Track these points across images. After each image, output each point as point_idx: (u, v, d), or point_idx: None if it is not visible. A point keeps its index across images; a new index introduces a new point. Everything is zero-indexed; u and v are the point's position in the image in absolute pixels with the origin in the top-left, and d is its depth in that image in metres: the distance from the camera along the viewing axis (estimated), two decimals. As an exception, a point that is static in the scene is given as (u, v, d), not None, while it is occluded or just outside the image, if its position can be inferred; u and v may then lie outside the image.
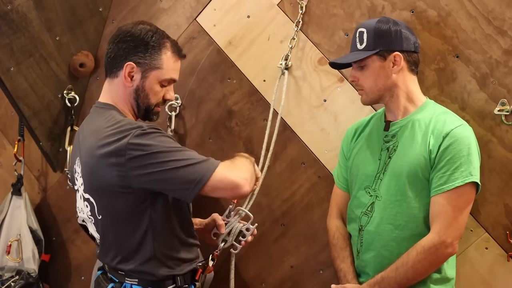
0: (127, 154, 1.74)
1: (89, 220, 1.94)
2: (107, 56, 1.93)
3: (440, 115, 2.00)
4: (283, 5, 2.44)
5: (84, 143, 1.88)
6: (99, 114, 1.91)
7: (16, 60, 2.46)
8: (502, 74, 2.12)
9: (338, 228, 2.19)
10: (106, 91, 1.95)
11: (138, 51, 1.88)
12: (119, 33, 1.92)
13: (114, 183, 1.78)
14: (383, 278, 1.96)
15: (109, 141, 1.77)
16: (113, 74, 1.92)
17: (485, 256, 2.19)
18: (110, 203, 1.84)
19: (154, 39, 1.89)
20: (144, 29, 1.91)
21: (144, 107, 1.93)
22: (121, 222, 1.85)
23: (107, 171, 1.78)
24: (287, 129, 2.46)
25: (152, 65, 1.89)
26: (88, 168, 1.84)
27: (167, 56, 1.91)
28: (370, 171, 2.06)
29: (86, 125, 1.95)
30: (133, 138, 1.75)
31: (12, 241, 2.74)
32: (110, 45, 1.92)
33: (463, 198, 1.91)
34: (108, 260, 1.93)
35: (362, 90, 2.06)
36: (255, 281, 2.58)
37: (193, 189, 1.77)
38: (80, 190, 1.92)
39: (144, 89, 1.90)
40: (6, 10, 2.37)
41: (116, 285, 1.92)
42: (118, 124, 1.81)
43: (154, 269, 1.86)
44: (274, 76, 2.44)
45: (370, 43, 1.99)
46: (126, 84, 1.90)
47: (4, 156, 2.94)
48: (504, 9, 2.10)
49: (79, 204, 1.97)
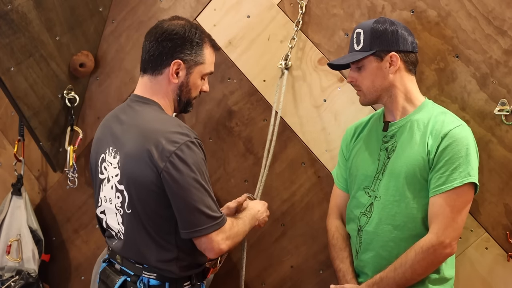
0: (169, 160, 1.80)
1: (114, 211, 1.96)
2: (149, 54, 1.96)
3: (438, 115, 1.99)
4: (283, 5, 2.44)
5: (127, 135, 1.90)
6: (141, 107, 1.95)
7: (16, 60, 2.46)
8: (502, 74, 2.12)
9: (337, 228, 2.19)
10: (146, 87, 1.98)
11: (184, 49, 1.94)
12: (162, 31, 1.95)
13: (151, 180, 1.83)
14: (381, 279, 1.96)
15: (157, 139, 1.82)
16: (156, 72, 1.96)
17: (485, 256, 2.19)
18: (144, 199, 1.87)
19: (197, 36, 1.96)
20: (187, 26, 1.96)
21: (185, 100, 2.00)
22: (151, 219, 1.88)
23: (147, 167, 1.83)
24: (287, 129, 2.46)
25: (196, 61, 1.96)
26: (131, 160, 1.87)
27: (208, 51, 2.00)
28: (369, 172, 2.06)
29: (124, 116, 1.97)
30: (181, 149, 1.81)
31: (12, 241, 2.74)
32: (152, 43, 1.95)
33: (461, 198, 1.91)
34: (129, 253, 1.95)
35: (360, 91, 2.06)
36: (255, 281, 2.58)
37: (188, 233, 1.86)
38: (112, 180, 1.94)
39: (188, 84, 1.98)
40: (6, 10, 2.37)
41: (132, 278, 1.94)
42: (168, 122, 1.89)
43: (176, 268, 1.90)
44: (274, 76, 2.45)
45: (366, 44, 1.99)
46: (172, 80, 1.95)
47: (4, 156, 2.95)
48: (504, 9, 2.09)
49: (106, 194, 1.97)
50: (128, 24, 2.70)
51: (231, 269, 2.55)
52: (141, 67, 2.00)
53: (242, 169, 2.55)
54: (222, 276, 2.43)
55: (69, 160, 2.71)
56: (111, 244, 2.02)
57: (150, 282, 1.92)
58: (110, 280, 1.99)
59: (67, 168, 2.73)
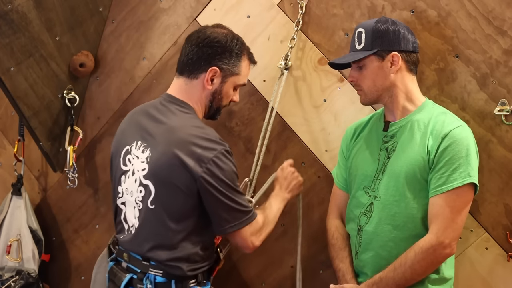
0: (207, 167, 1.88)
1: (134, 204, 1.99)
2: (187, 57, 2.01)
3: (439, 115, 1.99)
4: (283, 5, 2.44)
5: (163, 135, 1.95)
6: (178, 110, 1.99)
7: (16, 60, 2.46)
8: (502, 74, 2.12)
9: (337, 228, 2.19)
10: (181, 89, 2.03)
11: (223, 58, 2.00)
12: (205, 37, 2.01)
13: (181, 181, 1.89)
14: (381, 279, 1.96)
15: (195, 144, 1.89)
16: (193, 75, 2.01)
17: (485, 256, 2.19)
18: (168, 196, 1.92)
19: (237, 47, 2.03)
20: (229, 36, 2.03)
21: (215, 107, 2.07)
22: (171, 218, 1.92)
23: (181, 169, 1.88)
24: (287, 129, 2.46)
25: (232, 71, 2.03)
26: (163, 158, 1.92)
27: (245, 64, 2.07)
28: (369, 171, 2.06)
29: (158, 114, 2.01)
30: (218, 156, 1.90)
31: (12, 241, 2.74)
32: (193, 47, 2.01)
33: (461, 199, 1.91)
34: (138, 249, 1.98)
35: (361, 90, 2.06)
36: (255, 281, 2.58)
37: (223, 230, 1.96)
38: (138, 174, 1.97)
39: (221, 92, 2.04)
40: (6, 10, 2.37)
41: (138, 275, 1.98)
42: (204, 130, 1.95)
43: (185, 267, 1.95)
44: (274, 76, 2.45)
45: (368, 43, 1.99)
46: (206, 86, 2.01)
47: (4, 156, 2.94)
48: (504, 9, 2.09)
49: (128, 186, 2.01)
50: (128, 24, 2.70)
51: (231, 269, 2.56)
52: (178, 68, 2.06)
53: (242, 169, 2.54)
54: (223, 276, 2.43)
55: (69, 160, 2.71)
56: (121, 239, 2.05)
57: (156, 279, 1.95)
58: (118, 278, 2.02)
59: (67, 168, 2.73)
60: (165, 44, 2.63)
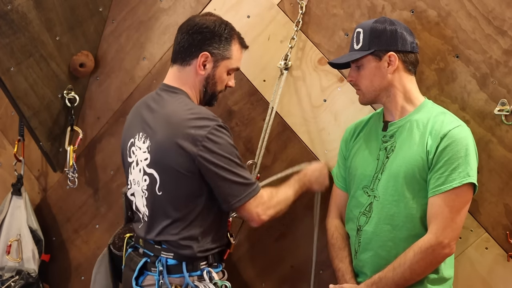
0: (203, 144, 1.91)
1: (141, 193, 2.04)
2: (179, 45, 2.07)
3: (438, 115, 1.99)
4: (283, 5, 2.44)
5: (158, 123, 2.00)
6: (170, 96, 2.04)
7: (16, 60, 2.47)
8: (502, 74, 2.11)
9: (337, 228, 2.19)
10: (175, 76, 2.08)
11: (213, 42, 2.05)
12: (194, 24, 2.06)
13: (182, 166, 1.93)
14: (380, 279, 1.96)
15: (188, 126, 1.93)
16: (185, 62, 2.06)
17: (485, 256, 2.19)
18: (173, 182, 1.97)
19: (226, 32, 2.07)
20: (217, 21, 2.08)
21: (210, 93, 2.11)
22: (179, 201, 1.98)
23: (178, 153, 1.93)
24: (287, 129, 2.46)
25: (223, 55, 2.07)
26: (162, 146, 1.97)
27: (236, 48, 2.11)
28: (368, 171, 2.06)
29: (154, 104, 2.06)
30: (211, 132, 1.92)
31: (12, 241, 2.74)
32: (184, 35, 2.06)
33: (460, 199, 1.91)
34: (151, 235, 2.03)
35: (359, 90, 2.06)
36: (255, 281, 2.58)
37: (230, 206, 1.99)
38: (141, 164, 2.03)
39: (214, 77, 2.08)
40: (6, 10, 2.37)
41: (151, 259, 2.04)
42: (195, 110, 1.98)
43: (195, 247, 2.00)
44: (274, 76, 2.44)
45: (365, 43, 1.99)
46: (199, 72, 2.06)
47: (4, 156, 2.95)
48: (504, 9, 2.09)
49: (135, 177, 2.07)
50: (128, 24, 2.70)
51: (232, 269, 2.55)
52: (172, 57, 2.11)
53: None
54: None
55: (69, 160, 2.71)
56: (137, 228, 2.12)
57: (168, 261, 2.00)
58: (134, 263, 2.08)
59: (67, 168, 2.73)
60: (165, 44, 2.63)
